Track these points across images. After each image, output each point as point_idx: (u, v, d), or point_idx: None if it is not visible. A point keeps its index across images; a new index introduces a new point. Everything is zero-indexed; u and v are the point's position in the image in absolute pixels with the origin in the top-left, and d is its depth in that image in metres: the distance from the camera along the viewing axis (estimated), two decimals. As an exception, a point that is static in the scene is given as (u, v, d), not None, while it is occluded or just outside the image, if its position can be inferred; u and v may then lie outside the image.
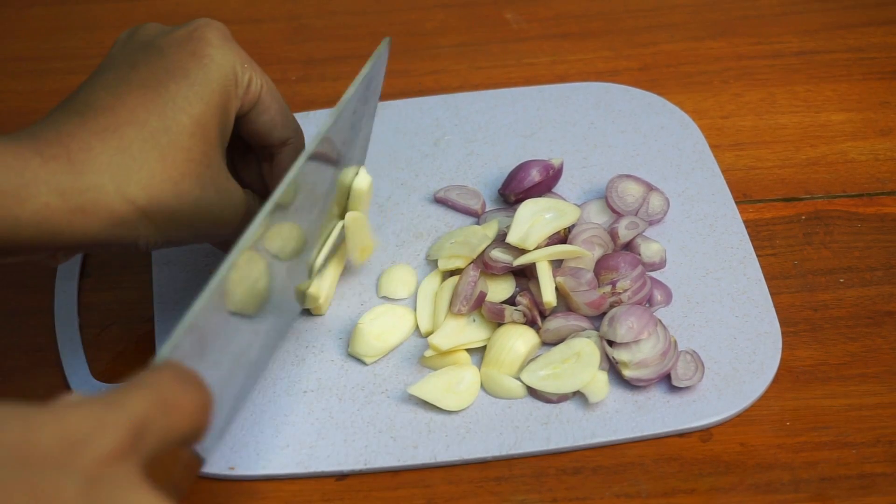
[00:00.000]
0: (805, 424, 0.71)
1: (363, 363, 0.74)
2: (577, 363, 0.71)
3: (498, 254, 0.76)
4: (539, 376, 0.71)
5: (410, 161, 0.85)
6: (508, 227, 0.76)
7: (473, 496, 0.69)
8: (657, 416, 0.71)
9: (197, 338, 0.57)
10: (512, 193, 0.81)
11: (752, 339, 0.74)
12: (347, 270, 0.79)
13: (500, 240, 0.77)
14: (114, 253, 0.66)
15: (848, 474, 0.69)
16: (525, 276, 0.76)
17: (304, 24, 0.98)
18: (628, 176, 0.81)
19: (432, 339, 0.73)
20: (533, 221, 0.76)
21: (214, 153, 0.65)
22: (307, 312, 0.76)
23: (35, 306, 0.78)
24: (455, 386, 0.71)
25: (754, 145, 0.87)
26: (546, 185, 0.81)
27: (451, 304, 0.74)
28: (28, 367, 0.76)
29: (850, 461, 0.69)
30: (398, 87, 0.92)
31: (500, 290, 0.76)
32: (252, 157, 0.73)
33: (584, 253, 0.75)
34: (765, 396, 0.72)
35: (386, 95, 0.91)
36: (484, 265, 0.75)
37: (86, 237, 0.61)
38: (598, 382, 0.71)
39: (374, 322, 0.74)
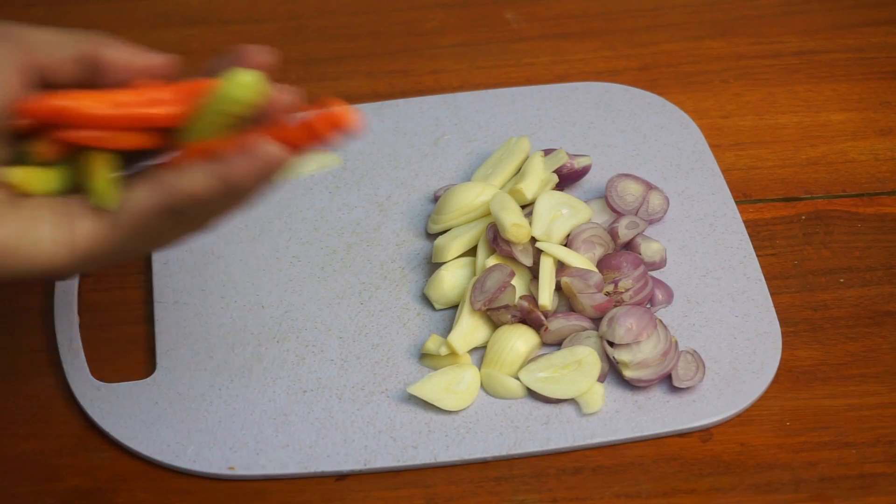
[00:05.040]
0: (805, 424, 0.71)
1: (432, 308, 0.76)
2: (577, 371, 0.71)
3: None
4: (537, 377, 0.71)
5: (410, 160, 0.85)
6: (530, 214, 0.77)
7: (473, 496, 0.69)
8: (657, 416, 0.71)
9: None
10: None
11: (752, 338, 0.74)
12: (349, 270, 0.79)
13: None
14: None
15: (848, 474, 0.69)
16: (532, 273, 0.76)
17: (304, 24, 0.98)
18: (627, 175, 0.81)
19: (451, 340, 0.73)
20: (552, 216, 0.76)
21: None
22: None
23: (35, 306, 0.78)
24: (455, 386, 0.71)
25: (754, 145, 0.87)
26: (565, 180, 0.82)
27: (472, 296, 0.74)
28: (28, 367, 0.75)
29: (850, 461, 0.69)
30: (398, 86, 0.92)
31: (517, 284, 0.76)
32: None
33: (592, 267, 0.75)
34: (765, 396, 0.72)
35: (386, 95, 0.91)
36: (494, 239, 0.75)
37: None
38: (593, 394, 0.71)
39: (455, 273, 0.76)
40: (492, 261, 0.75)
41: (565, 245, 0.77)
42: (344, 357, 0.74)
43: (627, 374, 0.71)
